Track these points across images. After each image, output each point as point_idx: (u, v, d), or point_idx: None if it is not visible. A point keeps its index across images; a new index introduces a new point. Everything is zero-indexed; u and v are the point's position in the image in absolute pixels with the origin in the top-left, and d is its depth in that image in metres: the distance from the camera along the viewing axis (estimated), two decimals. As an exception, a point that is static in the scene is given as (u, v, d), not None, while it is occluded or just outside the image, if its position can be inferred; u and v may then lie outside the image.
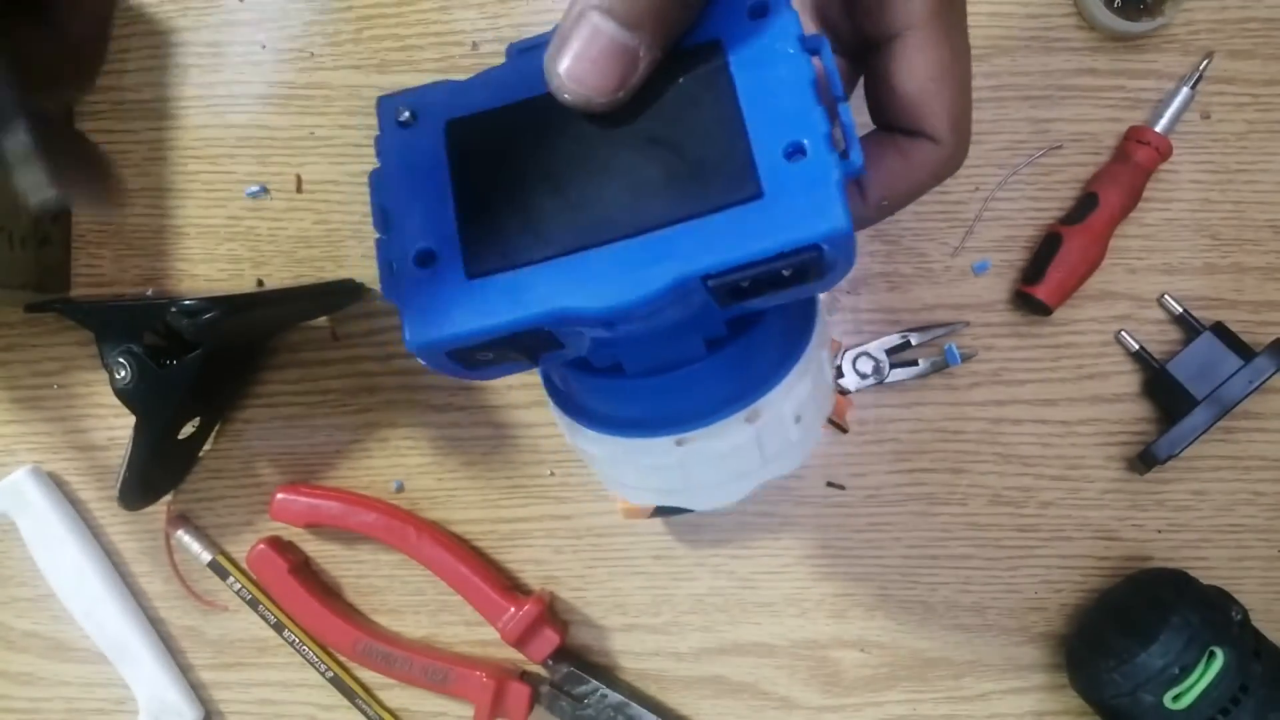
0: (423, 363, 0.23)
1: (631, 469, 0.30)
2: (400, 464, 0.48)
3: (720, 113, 0.22)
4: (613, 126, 0.22)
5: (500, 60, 0.25)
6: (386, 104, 0.25)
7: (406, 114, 0.24)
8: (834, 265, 0.22)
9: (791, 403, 0.28)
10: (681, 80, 0.22)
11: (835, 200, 0.21)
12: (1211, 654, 0.39)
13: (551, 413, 0.31)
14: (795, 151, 0.21)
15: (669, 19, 0.22)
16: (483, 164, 0.23)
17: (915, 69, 0.24)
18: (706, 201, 0.21)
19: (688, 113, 0.22)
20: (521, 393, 0.47)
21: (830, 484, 0.47)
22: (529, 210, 0.22)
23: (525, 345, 0.23)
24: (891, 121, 0.26)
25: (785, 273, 0.22)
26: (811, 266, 0.22)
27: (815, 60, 0.22)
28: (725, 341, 0.26)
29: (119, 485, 0.44)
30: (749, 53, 0.22)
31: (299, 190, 0.47)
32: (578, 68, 0.21)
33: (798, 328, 0.29)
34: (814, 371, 0.29)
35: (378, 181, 0.24)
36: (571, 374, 0.29)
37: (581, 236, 0.22)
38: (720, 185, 0.21)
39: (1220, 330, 0.44)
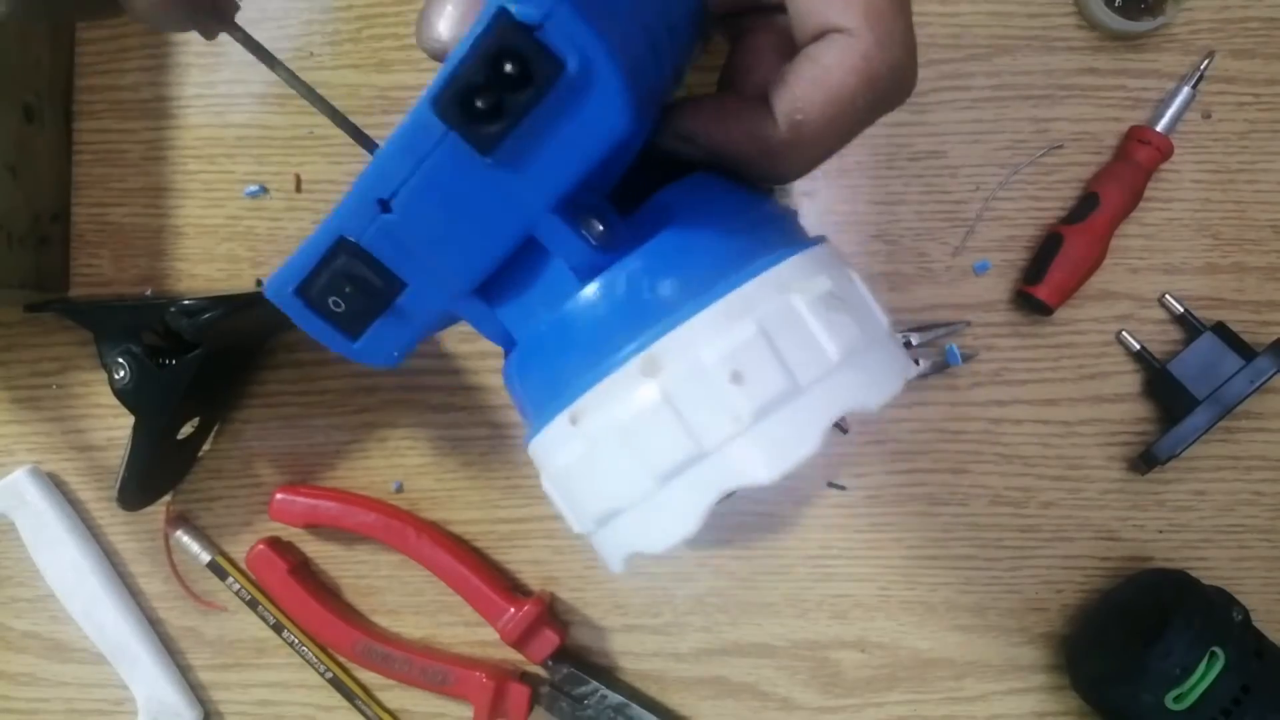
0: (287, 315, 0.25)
1: (559, 486, 0.25)
2: (399, 464, 0.48)
3: None
4: None
5: None
6: None
7: (370, 140, 0.25)
8: (566, 58, 0.19)
9: (713, 350, 0.20)
10: None
11: None
12: (1213, 654, 0.39)
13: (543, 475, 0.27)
14: None
15: None
16: None
17: None
18: None
19: None
20: (521, 393, 0.47)
21: (831, 484, 0.47)
22: None
23: (352, 276, 0.23)
24: (798, 34, 0.24)
25: (509, 70, 0.19)
26: (534, 56, 0.19)
27: None
28: (598, 261, 0.22)
29: (118, 485, 0.44)
30: None
31: (298, 190, 0.47)
32: None
33: (738, 252, 0.22)
34: (773, 319, 0.21)
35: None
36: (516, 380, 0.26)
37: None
38: None
39: (1221, 330, 0.44)
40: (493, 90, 0.19)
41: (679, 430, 0.21)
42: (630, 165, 0.26)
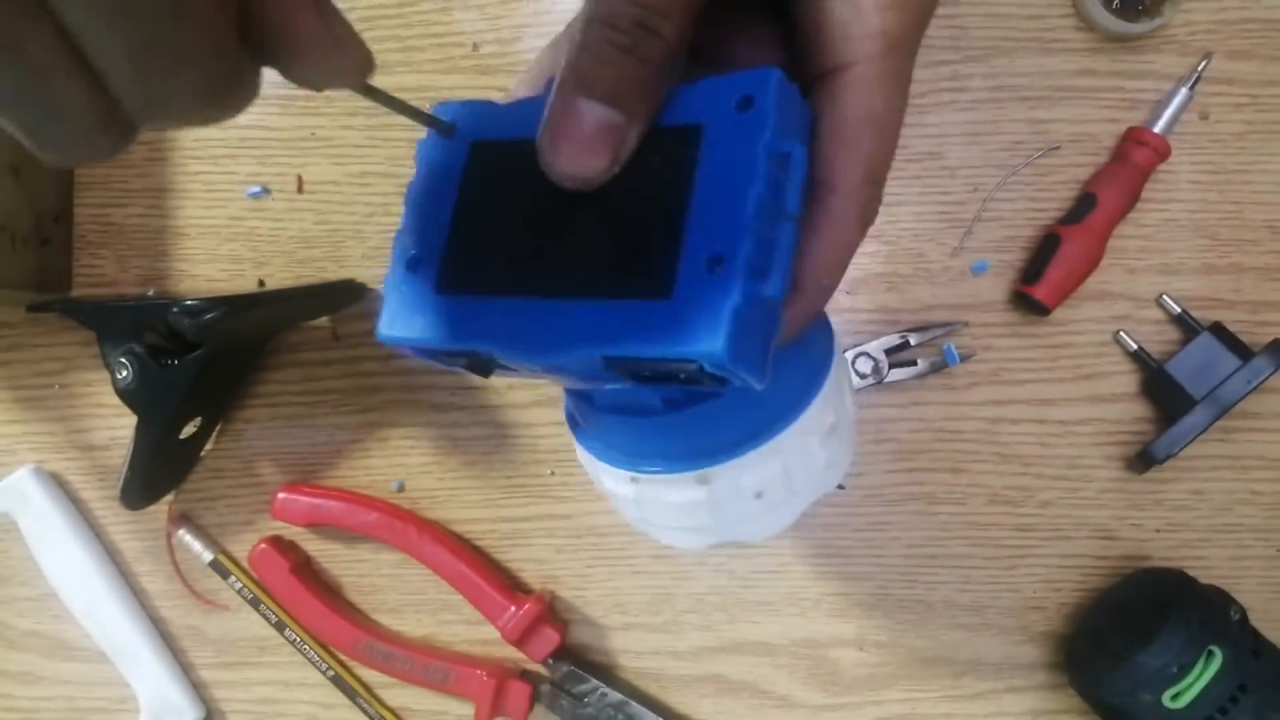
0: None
1: (603, 487, 0.31)
2: (401, 463, 0.48)
3: (671, 203, 0.21)
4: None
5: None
6: (437, 110, 0.26)
7: (449, 125, 0.25)
8: (728, 380, 0.21)
9: (751, 478, 0.28)
10: (654, 159, 0.22)
11: (722, 324, 0.20)
12: (1210, 653, 0.39)
13: (579, 455, 0.32)
14: (715, 263, 0.21)
15: (649, 90, 0.22)
16: (484, 189, 0.24)
17: (839, 108, 0.23)
18: (625, 287, 0.21)
19: (646, 196, 0.22)
20: (521, 393, 0.47)
21: (830, 483, 0.47)
22: (500, 244, 0.24)
23: (471, 363, 0.24)
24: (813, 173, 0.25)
25: (679, 374, 0.21)
26: (699, 376, 0.21)
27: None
28: (683, 404, 0.27)
29: (120, 485, 0.44)
30: (719, 148, 0.21)
31: (300, 191, 0.47)
32: (569, 151, 0.21)
33: (779, 409, 0.28)
34: (791, 456, 0.28)
35: (412, 181, 0.26)
36: (580, 406, 0.30)
37: (529, 286, 0.23)
38: (641, 275, 0.21)
39: (1218, 330, 0.44)
40: (656, 378, 0.22)
41: (711, 516, 0.29)
42: None
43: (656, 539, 0.33)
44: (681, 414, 0.27)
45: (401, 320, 0.24)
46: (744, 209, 0.21)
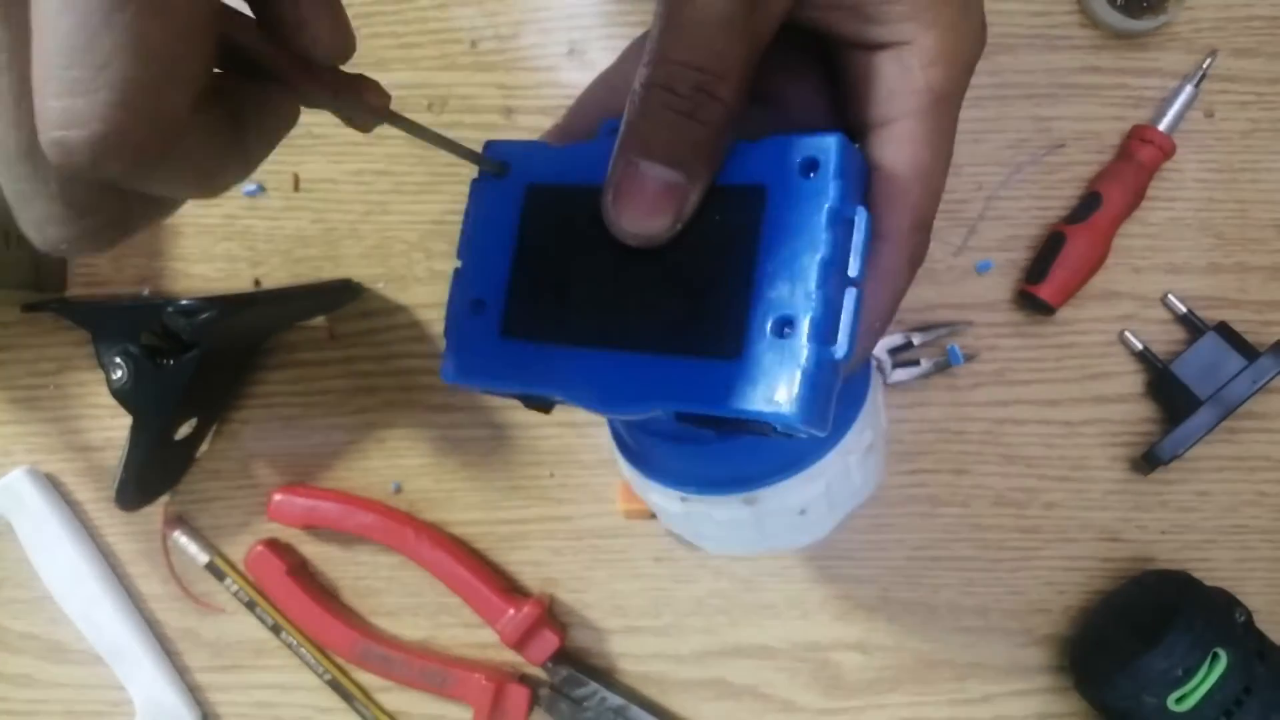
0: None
1: (648, 499, 0.33)
2: (398, 465, 0.48)
3: (736, 265, 0.22)
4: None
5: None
6: (489, 150, 0.26)
7: (499, 165, 0.26)
8: (795, 434, 0.22)
9: (795, 498, 0.30)
10: (718, 219, 0.23)
11: (794, 387, 0.21)
12: (1215, 656, 0.39)
13: (623, 472, 0.34)
14: (783, 325, 0.21)
15: (709, 151, 0.22)
16: (543, 235, 0.25)
17: (888, 161, 0.23)
18: (692, 345, 0.22)
19: (711, 255, 0.23)
20: (521, 393, 0.47)
21: (832, 485, 0.46)
22: (564, 293, 0.24)
23: (536, 403, 0.26)
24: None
25: (746, 427, 0.22)
26: (768, 430, 0.22)
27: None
28: (733, 434, 0.28)
29: (116, 486, 0.43)
30: (784, 210, 0.22)
31: (296, 189, 0.47)
32: (633, 211, 0.22)
33: (816, 440, 0.29)
34: (833, 476, 0.30)
35: (465, 222, 0.26)
36: (630, 430, 0.31)
37: (594, 335, 0.24)
38: (708, 334, 0.22)
39: (1224, 330, 0.44)
40: (723, 427, 0.23)
41: (755, 531, 0.31)
42: None
43: (700, 547, 0.35)
44: (730, 443, 0.28)
45: (467, 364, 0.25)
46: (811, 274, 0.21)
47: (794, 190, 0.22)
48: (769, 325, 0.21)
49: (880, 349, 0.45)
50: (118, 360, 0.41)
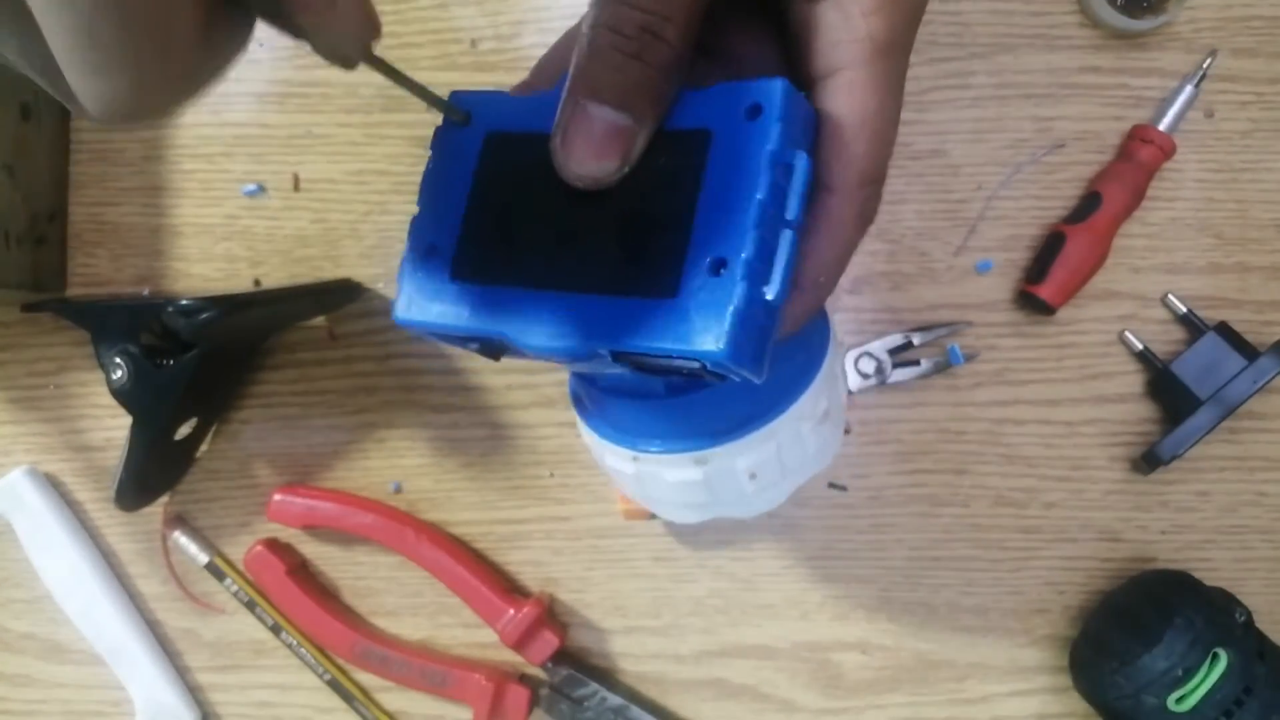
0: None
1: (621, 479, 0.33)
2: (398, 465, 0.48)
3: (677, 206, 0.23)
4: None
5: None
6: (453, 98, 0.27)
7: (464, 114, 0.26)
8: (728, 376, 0.23)
9: (745, 461, 0.30)
10: (664, 162, 0.23)
11: (724, 327, 0.21)
12: (1215, 656, 0.39)
13: (582, 434, 0.34)
14: (718, 265, 0.22)
15: (655, 93, 0.22)
16: (497, 181, 0.26)
17: (833, 112, 0.23)
18: (632, 286, 0.23)
19: (655, 198, 0.23)
20: (521, 393, 0.47)
21: (832, 485, 0.46)
22: (513, 237, 0.25)
23: (484, 347, 0.26)
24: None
25: (682, 370, 0.23)
26: (701, 372, 0.22)
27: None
28: (683, 389, 0.28)
29: (115, 486, 0.43)
30: (727, 154, 0.22)
31: (296, 189, 0.47)
32: (581, 153, 0.22)
33: (776, 396, 0.30)
34: (784, 440, 0.30)
35: (426, 170, 0.27)
36: (585, 388, 0.31)
37: (542, 278, 0.24)
38: (647, 275, 0.22)
39: (1224, 330, 0.44)
40: (660, 371, 0.24)
41: (706, 494, 0.31)
42: None
43: (656, 513, 0.35)
44: (681, 399, 0.28)
45: (418, 305, 0.25)
46: (747, 215, 0.21)
47: (738, 134, 0.22)
48: (705, 264, 0.22)
49: (880, 349, 0.45)
50: (118, 360, 0.41)
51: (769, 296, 0.22)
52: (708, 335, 0.21)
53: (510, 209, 0.25)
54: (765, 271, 0.22)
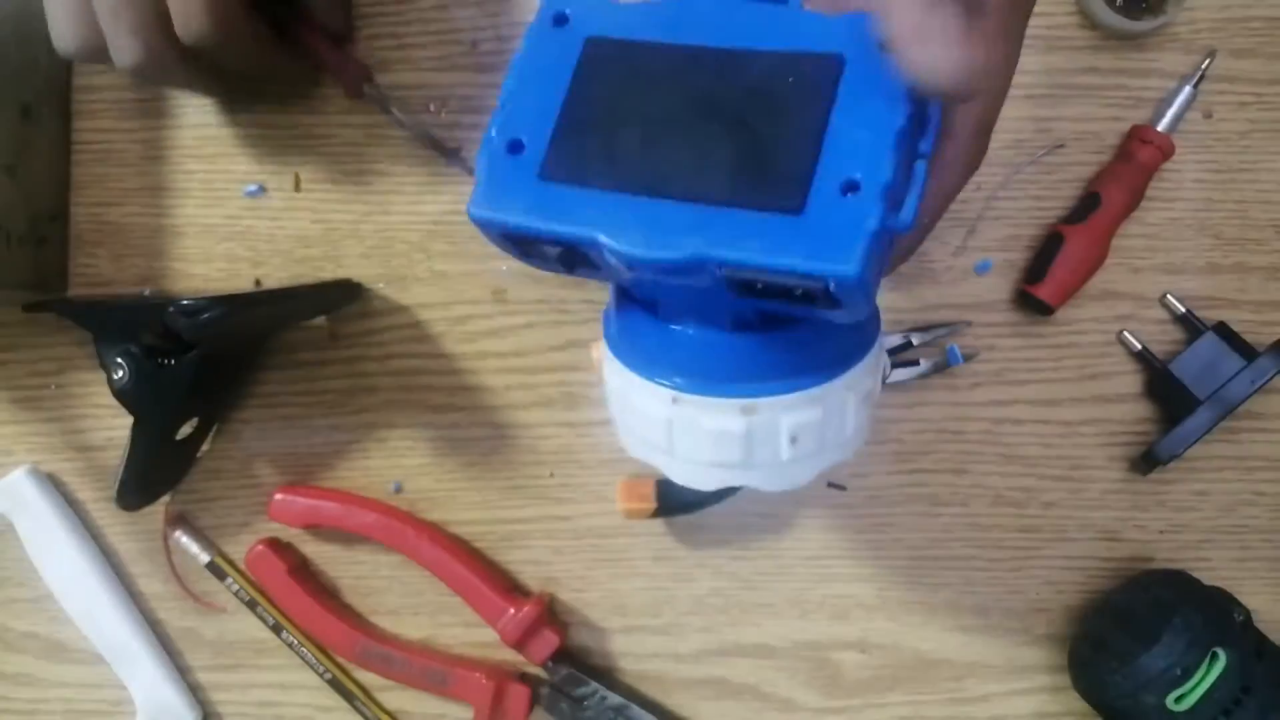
0: (481, 234, 0.25)
1: (635, 416, 0.31)
2: (399, 464, 0.48)
3: (807, 123, 0.22)
4: (717, 99, 0.23)
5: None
6: (547, 2, 0.26)
7: (563, 14, 0.26)
8: (843, 303, 0.22)
9: (791, 419, 0.28)
10: (791, 81, 0.23)
11: (858, 247, 0.21)
12: (1214, 655, 0.39)
13: (606, 376, 0.32)
14: (850, 187, 0.21)
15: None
16: (598, 86, 0.25)
17: None
18: (753, 197, 0.22)
19: (782, 111, 0.23)
20: (521, 393, 0.47)
21: (831, 484, 0.46)
22: (614, 141, 0.24)
23: (563, 254, 0.25)
24: None
25: (795, 290, 0.22)
26: (819, 295, 0.22)
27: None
28: (751, 328, 0.27)
29: (117, 486, 0.43)
30: (861, 81, 0.22)
31: (297, 189, 0.47)
32: (947, 52, 0.21)
33: (831, 359, 0.29)
34: (830, 407, 0.29)
35: (514, 62, 0.26)
36: (631, 314, 0.30)
37: (643, 183, 0.23)
38: (772, 188, 0.22)
39: (1223, 330, 0.44)
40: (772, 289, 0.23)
41: (740, 451, 0.29)
42: None
43: (665, 472, 0.31)
44: (743, 338, 0.27)
45: (497, 200, 0.24)
46: (887, 140, 0.21)
47: (871, 65, 0.22)
48: (836, 185, 0.21)
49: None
50: (119, 360, 0.41)
51: (900, 223, 0.22)
52: (840, 255, 0.21)
53: (614, 114, 0.24)
54: (899, 198, 0.22)
